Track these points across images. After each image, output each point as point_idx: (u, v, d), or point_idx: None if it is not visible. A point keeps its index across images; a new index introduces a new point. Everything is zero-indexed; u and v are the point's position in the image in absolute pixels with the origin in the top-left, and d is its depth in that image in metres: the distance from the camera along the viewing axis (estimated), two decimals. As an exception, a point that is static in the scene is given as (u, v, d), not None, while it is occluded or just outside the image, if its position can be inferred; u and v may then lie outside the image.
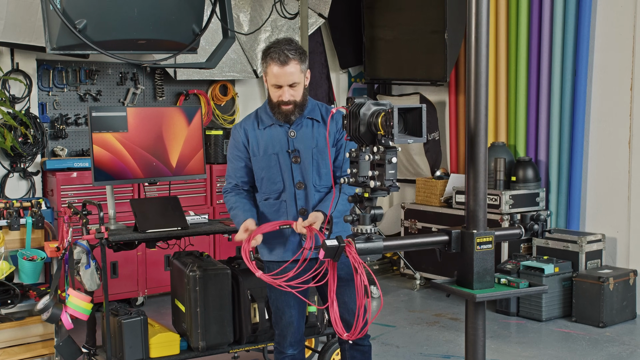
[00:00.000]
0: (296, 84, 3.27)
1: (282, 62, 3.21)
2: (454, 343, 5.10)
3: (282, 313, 3.45)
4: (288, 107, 3.29)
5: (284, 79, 3.23)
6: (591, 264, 5.72)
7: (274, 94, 3.30)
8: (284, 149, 3.35)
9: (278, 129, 3.36)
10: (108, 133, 4.12)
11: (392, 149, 2.63)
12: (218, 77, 6.81)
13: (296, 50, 3.25)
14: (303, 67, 3.28)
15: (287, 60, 3.21)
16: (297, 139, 3.36)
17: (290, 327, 3.46)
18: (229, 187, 3.48)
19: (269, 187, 3.38)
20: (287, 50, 3.22)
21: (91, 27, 4.31)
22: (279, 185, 3.36)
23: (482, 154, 2.79)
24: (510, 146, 6.44)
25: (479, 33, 2.75)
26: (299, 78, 3.27)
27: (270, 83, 3.28)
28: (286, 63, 3.21)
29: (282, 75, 3.23)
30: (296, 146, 3.35)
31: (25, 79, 5.78)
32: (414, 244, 2.98)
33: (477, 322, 2.86)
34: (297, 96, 3.29)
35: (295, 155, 3.34)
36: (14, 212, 4.59)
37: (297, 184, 3.34)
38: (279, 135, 3.36)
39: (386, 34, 7.03)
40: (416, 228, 6.68)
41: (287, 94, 3.26)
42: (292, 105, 3.29)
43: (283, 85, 3.25)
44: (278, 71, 3.22)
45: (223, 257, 5.73)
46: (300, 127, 3.37)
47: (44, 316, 3.96)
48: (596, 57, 5.94)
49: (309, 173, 3.35)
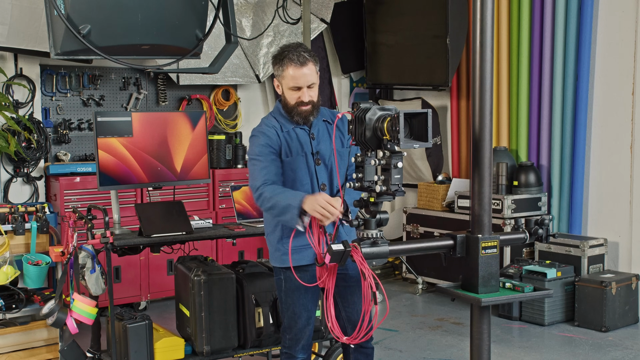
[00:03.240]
0: (313, 84, 3.33)
1: (301, 63, 3.27)
2: (457, 347, 5.10)
3: (299, 317, 3.44)
4: (307, 107, 3.34)
5: (303, 79, 3.29)
6: (593, 269, 5.73)
7: (292, 96, 3.33)
8: (309, 151, 3.38)
9: (301, 132, 3.40)
10: (113, 138, 4.13)
11: (397, 154, 2.64)
12: (220, 82, 6.83)
13: (310, 53, 3.34)
14: (317, 68, 3.36)
15: (305, 61, 3.28)
16: (317, 141, 3.40)
17: (305, 331, 3.46)
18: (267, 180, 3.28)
19: (298, 189, 3.37)
20: (303, 52, 3.29)
21: (95, 33, 4.32)
22: (307, 187, 3.37)
23: (487, 158, 2.81)
24: (512, 151, 6.46)
25: (484, 38, 2.77)
26: (315, 79, 3.34)
27: (288, 86, 3.32)
28: (305, 64, 3.28)
29: (301, 77, 3.28)
30: (317, 148, 3.39)
31: (29, 84, 5.80)
32: (419, 248, 2.99)
33: (482, 326, 2.87)
34: (315, 97, 3.35)
35: (317, 157, 3.38)
36: (19, 217, 4.60)
37: (322, 186, 3.37)
38: (304, 138, 3.39)
39: (388, 39, 7.04)
40: (418, 232, 6.69)
41: (307, 95, 3.31)
42: (311, 106, 3.34)
43: (302, 87, 3.30)
44: (297, 72, 3.28)
45: (227, 262, 5.74)
46: (317, 129, 3.41)
47: (49, 321, 3.97)
48: (598, 62, 5.96)
49: (333, 174, 3.40)
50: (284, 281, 3.43)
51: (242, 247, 6.43)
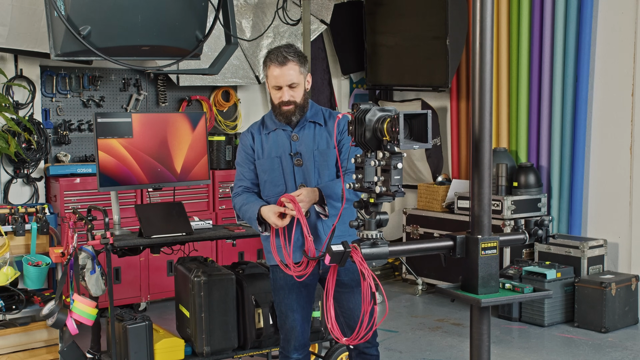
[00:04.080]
0: (295, 84, 3.33)
1: (280, 62, 3.30)
2: (457, 348, 5.10)
3: (286, 317, 3.47)
4: (288, 107, 3.35)
5: (283, 79, 3.31)
6: (593, 270, 5.73)
7: (274, 95, 3.38)
8: (287, 152, 3.39)
9: (281, 133, 3.41)
10: (113, 139, 4.14)
11: (397, 155, 2.64)
12: (220, 83, 6.83)
13: (295, 52, 3.34)
14: (302, 69, 3.36)
15: (285, 61, 3.30)
16: (299, 142, 3.40)
17: (294, 331, 3.47)
18: (239, 190, 3.51)
19: (271, 190, 3.41)
20: (285, 53, 3.32)
21: (95, 34, 4.33)
22: (281, 187, 3.39)
23: (487, 159, 2.81)
24: (512, 152, 6.46)
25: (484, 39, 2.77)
26: (297, 79, 3.33)
27: (271, 85, 3.37)
28: (284, 64, 3.30)
29: (280, 76, 3.31)
30: (299, 149, 3.39)
31: (29, 85, 5.80)
32: (418, 249, 2.98)
33: (482, 327, 2.87)
34: (297, 97, 3.35)
35: (297, 158, 3.38)
36: (19, 218, 4.60)
37: (299, 187, 3.36)
38: (282, 139, 3.41)
39: (388, 40, 7.05)
40: (418, 233, 6.70)
41: (287, 94, 3.33)
42: (293, 105, 3.35)
43: (282, 86, 3.33)
44: (277, 72, 3.31)
45: (226, 263, 5.75)
46: (302, 130, 3.41)
47: (50, 321, 3.97)
48: (597, 63, 5.97)
49: (311, 175, 3.38)
50: (272, 280, 3.52)
51: (242, 248, 6.43)
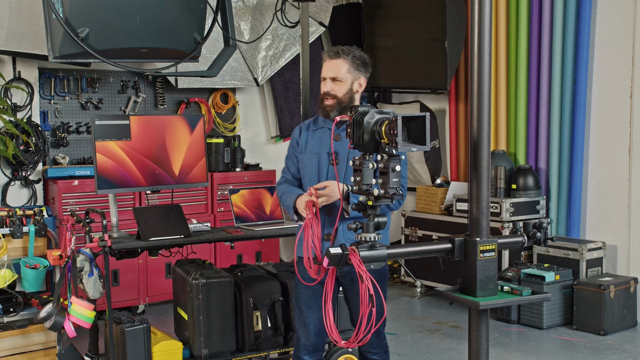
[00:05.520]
0: (339, 79, 3.38)
1: (332, 56, 3.40)
2: (456, 351, 5.10)
3: (301, 312, 3.47)
4: (328, 102, 3.39)
5: (328, 71, 3.39)
6: (592, 272, 5.73)
7: (321, 87, 3.44)
8: (326, 150, 3.41)
9: (327, 132, 3.45)
10: (111, 141, 4.13)
11: (395, 157, 2.64)
12: (219, 86, 6.83)
13: (350, 52, 3.41)
14: (353, 69, 3.40)
15: (336, 56, 3.39)
16: (340, 142, 3.41)
17: (306, 329, 3.45)
18: (281, 180, 3.58)
19: (307, 185, 3.44)
20: (341, 50, 3.41)
21: (93, 36, 4.32)
22: (315, 183, 3.39)
23: (485, 162, 2.81)
24: (511, 154, 6.46)
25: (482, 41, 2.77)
26: (343, 76, 3.38)
27: (321, 77, 3.44)
28: (334, 58, 3.39)
29: (327, 68, 3.40)
30: (337, 149, 3.41)
31: (27, 87, 5.80)
32: (417, 251, 2.98)
33: (480, 329, 2.86)
34: (338, 92, 3.38)
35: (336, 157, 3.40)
36: (17, 220, 4.60)
37: None
38: (325, 137, 3.44)
39: (386, 43, 7.05)
40: (417, 236, 6.69)
41: (328, 85, 3.38)
42: (334, 100, 3.38)
43: (327, 77, 3.39)
44: (326, 64, 3.41)
45: (225, 265, 5.74)
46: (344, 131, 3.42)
47: (47, 324, 3.96)
48: (596, 65, 5.97)
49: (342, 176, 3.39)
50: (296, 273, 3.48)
51: (241, 251, 6.42)
